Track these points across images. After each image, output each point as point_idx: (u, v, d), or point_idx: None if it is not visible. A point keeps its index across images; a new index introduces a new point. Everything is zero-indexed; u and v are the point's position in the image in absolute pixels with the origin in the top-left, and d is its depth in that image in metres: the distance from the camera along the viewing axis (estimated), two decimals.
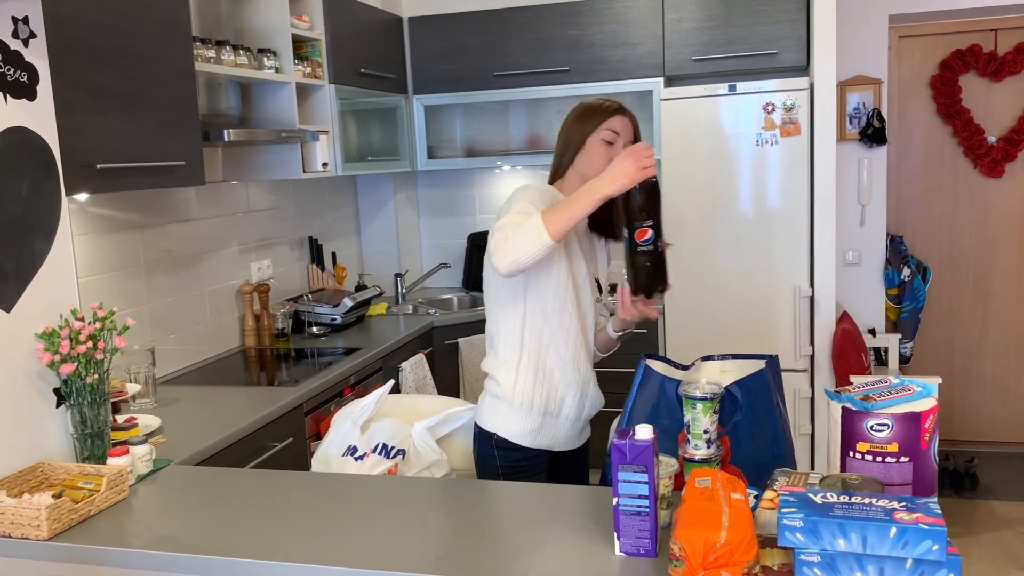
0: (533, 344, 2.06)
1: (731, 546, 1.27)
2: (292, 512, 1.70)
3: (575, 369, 2.09)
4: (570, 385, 2.08)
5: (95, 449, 1.95)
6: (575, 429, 2.16)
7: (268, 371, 3.11)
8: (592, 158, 2.05)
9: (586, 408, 2.15)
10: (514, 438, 2.08)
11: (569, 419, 2.12)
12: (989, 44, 4.29)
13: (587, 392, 2.13)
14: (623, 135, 2.05)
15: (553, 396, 2.08)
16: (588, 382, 2.13)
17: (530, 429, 2.07)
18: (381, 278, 4.55)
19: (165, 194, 3.05)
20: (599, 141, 2.05)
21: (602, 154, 2.03)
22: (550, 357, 2.06)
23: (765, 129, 3.64)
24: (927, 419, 1.43)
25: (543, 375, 2.07)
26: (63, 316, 1.94)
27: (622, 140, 2.05)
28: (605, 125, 2.05)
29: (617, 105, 2.09)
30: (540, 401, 2.06)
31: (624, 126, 2.06)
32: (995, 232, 4.45)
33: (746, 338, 3.75)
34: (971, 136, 4.34)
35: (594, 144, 2.05)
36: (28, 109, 1.90)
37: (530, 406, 2.06)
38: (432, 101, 4.36)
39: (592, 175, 1.91)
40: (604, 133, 2.04)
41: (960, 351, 4.58)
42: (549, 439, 2.10)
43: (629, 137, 2.06)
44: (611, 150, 2.03)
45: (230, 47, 2.90)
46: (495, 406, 2.10)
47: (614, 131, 2.05)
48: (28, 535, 1.64)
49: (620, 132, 2.05)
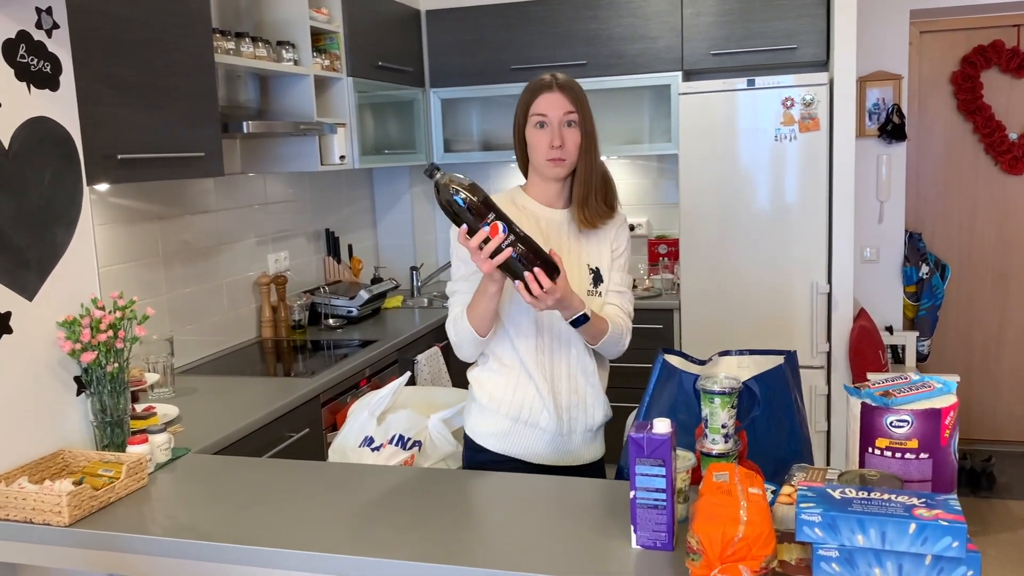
0: (502, 350, 1.93)
1: (749, 540, 1.26)
2: (310, 502, 1.71)
3: (546, 379, 1.91)
4: (545, 396, 1.91)
5: (115, 437, 1.96)
6: (566, 444, 1.96)
7: (285, 362, 3.12)
8: (533, 151, 1.90)
9: (578, 422, 1.95)
10: (479, 439, 1.98)
11: (549, 431, 1.93)
12: (1012, 40, 4.25)
13: (573, 402, 1.94)
14: (552, 113, 1.86)
15: (526, 404, 1.92)
16: (572, 393, 1.94)
17: (495, 432, 1.95)
18: (396, 271, 4.56)
19: (184, 185, 3.07)
20: (533, 131, 1.89)
21: (542, 143, 1.87)
22: (522, 363, 1.92)
23: (784, 124, 3.62)
24: (947, 416, 1.42)
25: (513, 380, 1.93)
26: (84, 305, 1.95)
27: (554, 118, 1.86)
28: (532, 112, 1.88)
29: (538, 83, 1.89)
30: (508, 407, 1.93)
31: (551, 103, 1.86)
32: (1015, 230, 4.41)
33: (763, 334, 3.74)
34: (992, 133, 4.30)
35: (531, 136, 1.90)
36: (51, 99, 1.91)
37: (496, 410, 1.94)
38: (449, 95, 4.36)
39: (539, 167, 1.90)
40: (532, 120, 1.88)
41: (979, 349, 4.54)
42: (521, 448, 1.94)
43: (561, 111, 1.85)
44: (547, 133, 1.86)
45: (249, 39, 2.91)
46: (470, 406, 2.03)
47: (540, 115, 1.86)
48: (49, 521, 1.65)
49: (547, 112, 1.86)
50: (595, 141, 1.92)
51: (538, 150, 1.88)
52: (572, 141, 1.87)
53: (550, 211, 1.96)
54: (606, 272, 1.97)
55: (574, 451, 1.98)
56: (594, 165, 1.91)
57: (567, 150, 1.87)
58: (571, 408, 1.95)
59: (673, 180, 4.42)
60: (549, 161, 1.88)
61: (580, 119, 1.87)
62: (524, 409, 1.93)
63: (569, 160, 1.88)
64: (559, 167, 1.89)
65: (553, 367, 1.92)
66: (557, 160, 1.87)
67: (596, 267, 1.96)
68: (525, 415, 1.93)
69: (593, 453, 2.03)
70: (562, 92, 1.86)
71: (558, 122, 1.86)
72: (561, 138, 1.86)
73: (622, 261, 2.01)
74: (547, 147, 1.86)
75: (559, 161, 1.87)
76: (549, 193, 1.96)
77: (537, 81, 1.91)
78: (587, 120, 1.89)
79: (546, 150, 1.86)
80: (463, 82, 4.32)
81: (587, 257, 1.96)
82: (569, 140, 1.87)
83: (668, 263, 4.33)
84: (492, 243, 1.65)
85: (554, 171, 1.90)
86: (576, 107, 1.87)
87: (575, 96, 1.87)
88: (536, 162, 1.91)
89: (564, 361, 1.93)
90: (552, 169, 1.89)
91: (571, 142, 1.87)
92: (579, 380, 1.95)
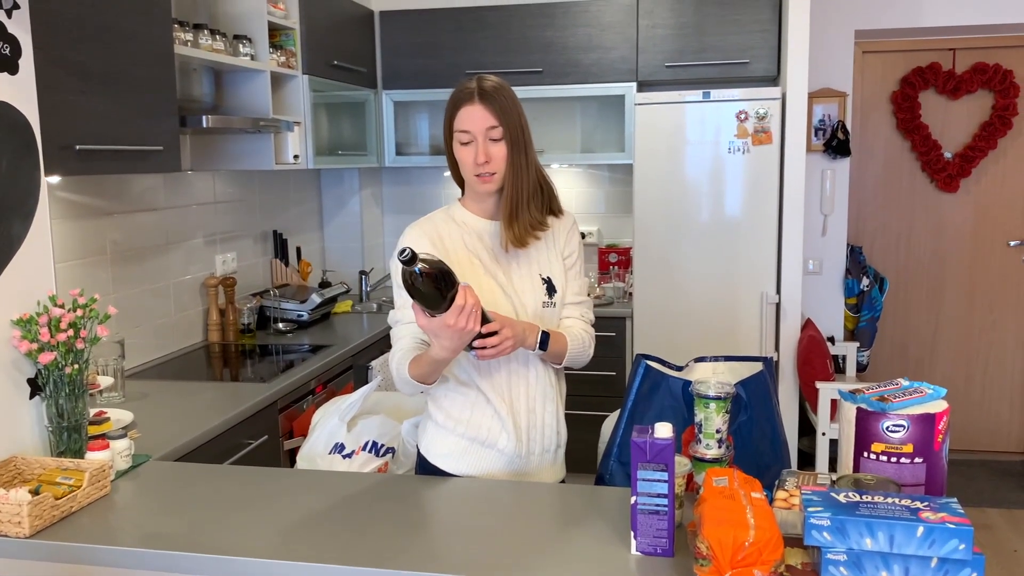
0: (459, 370, 1.84)
1: (759, 544, 1.26)
2: (281, 510, 1.64)
3: (504, 400, 1.83)
4: (504, 417, 1.82)
5: (72, 443, 1.85)
6: (524, 466, 1.87)
7: (235, 367, 3.01)
8: (463, 168, 1.81)
9: (537, 443, 1.87)
10: (433, 459, 1.88)
11: (507, 453, 1.84)
12: (948, 63, 4.42)
13: (532, 423, 1.85)
14: (475, 128, 1.75)
15: (484, 424, 1.83)
16: (531, 412, 1.85)
17: (450, 452, 1.86)
18: (344, 275, 4.46)
19: (131, 181, 2.94)
20: (458, 147, 1.79)
21: (468, 160, 1.77)
22: (479, 384, 1.83)
23: (737, 137, 3.69)
24: (940, 420, 1.45)
25: (471, 401, 1.84)
26: (41, 303, 1.84)
27: (478, 134, 1.75)
28: (455, 128, 1.78)
29: (466, 91, 1.77)
30: (466, 427, 1.84)
31: (473, 118, 1.75)
32: (949, 246, 4.58)
33: (713, 342, 3.79)
34: (929, 151, 4.47)
35: (457, 152, 1.80)
36: (9, 83, 1.80)
37: (453, 429, 1.85)
38: (401, 97, 4.30)
39: (469, 183, 1.82)
40: (457, 137, 1.78)
41: (913, 360, 4.70)
42: (477, 469, 1.85)
43: (484, 126, 1.74)
44: (472, 150, 1.76)
45: (208, 31, 2.81)
46: (424, 423, 1.94)
47: (463, 131, 1.76)
48: (8, 532, 1.54)
49: (469, 127, 1.75)
50: (525, 150, 1.80)
51: (465, 166, 1.79)
52: (499, 155, 1.77)
53: (490, 224, 1.86)
54: (559, 281, 1.89)
55: (531, 473, 1.89)
56: (523, 178, 1.80)
57: (494, 165, 1.77)
58: (530, 429, 1.86)
59: (623, 189, 4.45)
60: (477, 177, 1.79)
61: (505, 131, 1.76)
62: (482, 429, 1.84)
63: (499, 174, 1.78)
64: (488, 183, 1.79)
65: (512, 388, 1.84)
66: (484, 177, 1.78)
67: (548, 276, 1.87)
68: (483, 436, 1.84)
69: (553, 475, 1.93)
70: (484, 103, 1.74)
71: (482, 137, 1.75)
72: (486, 154, 1.76)
73: (577, 268, 1.94)
74: (472, 164, 1.77)
75: (487, 177, 1.78)
76: (487, 206, 1.87)
77: (459, 90, 1.79)
78: (513, 129, 1.77)
79: (472, 166, 1.77)
80: (416, 85, 4.26)
81: (538, 267, 1.87)
82: (495, 154, 1.77)
83: (619, 272, 4.35)
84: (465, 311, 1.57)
85: (484, 187, 1.80)
86: (499, 119, 1.75)
87: (498, 107, 1.75)
88: (466, 178, 1.82)
89: (523, 382, 1.85)
90: (481, 185, 1.80)
91: (498, 156, 1.77)
92: (537, 401, 1.86)
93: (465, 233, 1.85)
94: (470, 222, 1.87)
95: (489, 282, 1.82)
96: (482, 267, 1.83)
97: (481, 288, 1.78)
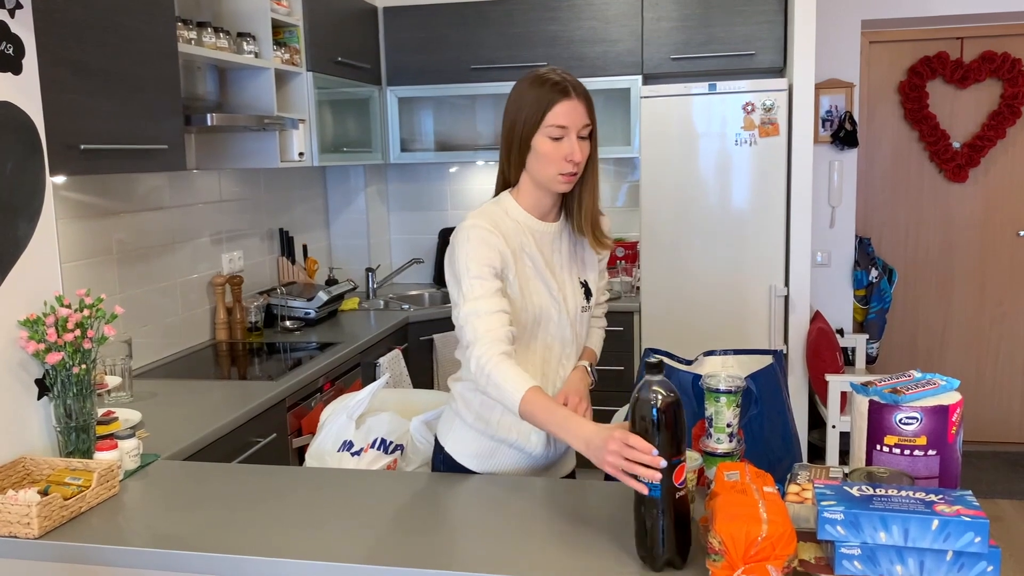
0: None
1: (772, 539, 1.25)
2: (292, 508, 1.64)
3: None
4: None
5: (80, 443, 1.85)
6: (549, 463, 1.89)
7: (243, 365, 3.01)
8: (541, 162, 1.71)
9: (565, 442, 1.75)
10: (459, 458, 1.85)
11: (535, 455, 1.84)
12: (955, 52, 4.39)
13: None
14: (572, 125, 1.68)
15: (515, 427, 1.80)
16: None
17: (477, 452, 1.83)
18: (351, 272, 4.46)
19: (136, 180, 2.94)
20: (545, 140, 1.69)
21: (551, 155, 1.69)
22: None
23: (744, 129, 3.66)
24: (954, 412, 1.43)
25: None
26: (48, 303, 1.84)
27: (572, 131, 1.69)
28: (547, 121, 1.68)
29: (561, 86, 1.69)
30: (496, 429, 1.80)
31: (570, 113, 1.68)
32: (957, 236, 4.55)
33: (722, 336, 3.77)
34: (937, 141, 4.43)
35: (543, 146, 1.69)
36: (14, 84, 1.79)
37: (483, 431, 1.82)
38: (406, 93, 4.29)
39: (545, 180, 1.72)
40: (548, 131, 1.68)
41: (923, 352, 4.67)
42: (502, 468, 1.84)
43: (580, 123, 1.69)
44: (561, 147, 1.69)
45: (211, 29, 2.80)
46: (450, 419, 1.89)
47: (560, 126, 1.68)
48: (17, 533, 1.54)
49: (567, 124, 1.68)
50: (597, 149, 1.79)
51: (551, 163, 1.70)
52: (585, 155, 1.72)
53: (544, 225, 1.80)
54: (594, 285, 1.88)
55: (554, 468, 1.91)
56: (598, 180, 1.80)
57: (583, 164, 1.72)
58: None
59: (629, 183, 4.43)
60: (562, 176, 1.71)
61: (594, 130, 1.74)
62: (513, 432, 1.81)
63: (578, 174, 1.73)
64: (570, 183, 1.73)
65: (546, 390, 1.80)
66: (570, 176, 1.71)
67: (585, 280, 1.86)
68: (513, 438, 1.81)
69: (568, 465, 1.97)
70: (580, 101, 1.69)
71: (575, 134, 1.69)
72: (582, 151, 1.71)
73: (603, 268, 1.95)
74: (562, 161, 1.69)
75: (570, 177, 1.72)
76: (544, 205, 1.79)
77: (550, 83, 1.69)
78: (596, 130, 1.76)
79: (561, 164, 1.69)
80: (420, 81, 4.25)
81: (579, 271, 1.85)
82: (584, 154, 1.72)
83: (626, 266, 4.33)
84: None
85: (564, 186, 1.73)
86: (592, 118, 1.72)
87: (591, 105, 1.72)
88: (544, 174, 1.72)
89: (558, 384, 1.84)
90: (562, 185, 1.72)
91: (585, 156, 1.72)
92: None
93: (521, 232, 1.77)
94: (523, 220, 1.78)
95: (538, 285, 1.77)
96: (533, 269, 1.77)
97: (531, 291, 1.75)
